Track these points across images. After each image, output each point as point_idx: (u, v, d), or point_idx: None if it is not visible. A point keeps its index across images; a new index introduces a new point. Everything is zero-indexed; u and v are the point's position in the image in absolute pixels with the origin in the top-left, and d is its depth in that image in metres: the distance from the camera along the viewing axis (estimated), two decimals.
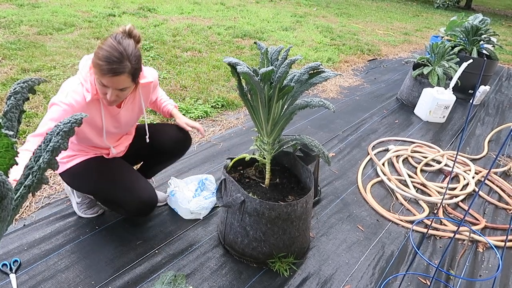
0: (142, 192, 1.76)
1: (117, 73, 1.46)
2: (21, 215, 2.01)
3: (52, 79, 3.60)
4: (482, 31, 4.59)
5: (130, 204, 1.76)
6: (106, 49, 1.45)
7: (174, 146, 2.02)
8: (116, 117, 1.74)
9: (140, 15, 6.61)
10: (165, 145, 1.99)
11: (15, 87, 0.77)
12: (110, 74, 1.46)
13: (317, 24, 7.91)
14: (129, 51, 1.48)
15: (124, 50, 1.47)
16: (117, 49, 1.45)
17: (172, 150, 2.04)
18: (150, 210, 1.84)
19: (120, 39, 1.49)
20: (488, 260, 2.10)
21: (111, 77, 1.47)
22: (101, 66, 1.44)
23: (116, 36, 1.50)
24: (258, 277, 1.80)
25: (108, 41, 1.48)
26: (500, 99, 4.91)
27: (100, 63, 1.44)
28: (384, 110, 4.02)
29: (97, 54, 1.47)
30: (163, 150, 2.00)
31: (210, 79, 4.15)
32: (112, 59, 1.44)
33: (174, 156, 2.11)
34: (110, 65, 1.44)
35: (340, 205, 2.42)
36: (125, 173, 1.82)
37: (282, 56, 1.65)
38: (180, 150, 2.09)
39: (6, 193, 0.62)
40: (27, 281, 1.65)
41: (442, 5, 14.21)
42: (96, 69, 1.47)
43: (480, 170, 2.95)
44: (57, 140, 0.70)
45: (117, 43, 1.47)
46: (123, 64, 1.46)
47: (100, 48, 1.47)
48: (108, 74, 1.45)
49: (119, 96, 1.57)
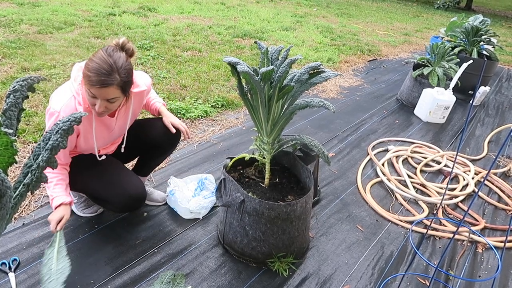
0: (129, 187, 1.77)
1: (105, 85, 1.49)
2: (20, 214, 2.01)
3: (52, 78, 3.59)
4: (482, 32, 4.59)
5: (117, 199, 1.76)
6: (96, 61, 1.49)
7: (163, 140, 2.02)
8: (109, 126, 1.77)
9: (140, 15, 6.60)
10: (154, 140, 1.99)
11: (15, 85, 0.77)
12: (98, 86, 1.48)
13: (318, 24, 7.91)
14: (119, 64, 1.51)
15: (114, 63, 1.50)
16: (107, 61, 1.49)
17: (162, 144, 2.04)
18: (138, 205, 1.85)
19: (111, 52, 1.52)
20: (488, 260, 2.10)
21: (99, 88, 1.49)
22: (90, 77, 1.48)
23: (107, 48, 1.54)
24: (257, 277, 1.80)
25: (98, 53, 1.52)
26: (500, 100, 4.91)
27: (90, 74, 1.48)
28: (384, 111, 4.02)
29: (87, 66, 1.50)
30: (154, 145, 2.01)
31: (210, 79, 4.15)
32: (101, 71, 1.47)
33: (165, 150, 2.10)
34: (99, 76, 1.47)
35: (340, 205, 2.42)
36: (113, 169, 1.84)
37: (282, 55, 1.65)
38: (170, 144, 2.08)
39: (5, 191, 0.62)
40: (26, 280, 1.65)
41: (442, 6, 14.22)
42: (86, 79, 1.50)
43: (479, 170, 2.95)
44: (56, 139, 0.70)
45: (107, 56, 1.50)
46: (111, 76, 1.49)
47: (90, 60, 1.51)
48: (96, 85, 1.48)
49: (108, 107, 1.59)
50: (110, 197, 1.77)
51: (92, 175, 1.79)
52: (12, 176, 2.22)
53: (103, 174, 1.80)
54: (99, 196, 1.83)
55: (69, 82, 1.64)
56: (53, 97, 1.61)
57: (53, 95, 1.62)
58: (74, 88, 1.60)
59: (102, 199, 1.84)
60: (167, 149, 2.10)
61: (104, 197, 1.79)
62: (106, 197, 1.78)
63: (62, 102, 1.57)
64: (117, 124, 1.79)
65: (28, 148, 2.52)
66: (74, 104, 1.59)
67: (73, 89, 1.60)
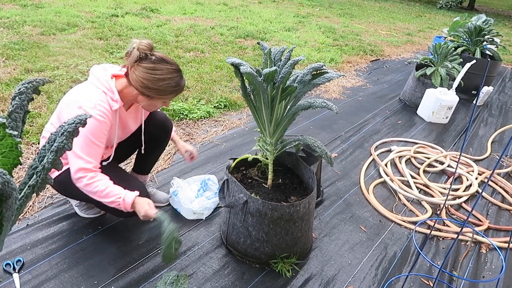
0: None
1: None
2: (24, 215, 2.02)
3: (55, 79, 3.61)
4: (485, 31, 4.57)
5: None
6: (170, 76, 1.61)
7: (159, 132, 2.02)
8: (125, 125, 1.80)
9: (143, 16, 6.62)
10: (151, 134, 2.00)
11: (20, 88, 0.77)
12: (180, 92, 1.72)
13: (320, 25, 7.91)
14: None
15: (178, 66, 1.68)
16: (176, 69, 1.64)
17: (158, 137, 2.04)
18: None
19: (162, 58, 1.60)
20: (491, 261, 2.09)
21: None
22: (178, 89, 1.68)
23: (154, 60, 1.58)
24: (260, 278, 1.80)
25: (161, 67, 1.59)
26: (503, 99, 4.90)
27: (177, 86, 1.65)
28: (387, 111, 4.02)
29: (166, 81, 1.60)
30: (149, 139, 2.01)
31: (213, 80, 4.16)
32: (180, 78, 1.68)
33: (160, 142, 2.11)
34: (181, 85, 1.69)
35: (343, 205, 2.42)
36: (114, 175, 1.76)
37: (285, 56, 1.65)
38: (164, 134, 2.08)
39: (11, 192, 0.62)
40: (30, 280, 1.66)
41: (445, 6, 14.18)
42: (172, 93, 1.66)
43: (483, 171, 2.94)
44: (62, 141, 0.70)
45: (169, 64, 1.62)
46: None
47: (164, 79, 1.60)
48: (180, 92, 1.71)
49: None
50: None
51: None
52: (16, 177, 2.23)
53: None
54: (103, 205, 1.84)
55: (90, 82, 1.64)
56: (80, 96, 1.59)
57: (78, 95, 1.60)
58: (103, 86, 1.61)
59: (106, 208, 1.85)
60: (163, 140, 2.10)
61: (108, 206, 1.79)
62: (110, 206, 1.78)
63: (95, 98, 1.58)
64: (130, 123, 1.84)
65: (32, 149, 2.53)
66: (106, 99, 1.61)
67: (102, 86, 1.61)
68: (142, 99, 1.67)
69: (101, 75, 1.63)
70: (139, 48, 1.55)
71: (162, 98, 1.67)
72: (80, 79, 3.66)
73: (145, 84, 1.59)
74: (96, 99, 1.58)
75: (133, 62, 1.58)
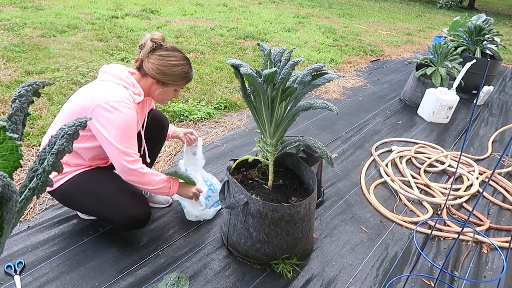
0: (134, 209, 1.74)
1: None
2: (25, 217, 2.02)
3: (55, 81, 3.61)
4: (485, 31, 4.57)
5: (123, 222, 1.75)
6: (182, 62, 1.71)
7: (153, 129, 2.01)
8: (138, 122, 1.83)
9: (143, 17, 6.63)
10: (147, 134, 1.97)
11: (20, 90, 0.77)
12: (190, 80, 1.80)
13: (320, 25, 7.91)
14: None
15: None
16: (185, 56, 1.74)
17: (154, 136, 2.05)
18: (144, 224, 1.83)
19: (174, 47, 1.72)
20: (493, 261, 2.09)
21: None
22: (190, 74, 1.77)
23: (168, 47, 1.69)
24: (261, 279, 1.80)
25: (173, 55, 1.69)
26: (504, 99, 4.89)
27: (190, 72, 1.76)
28: (387, 111, 4.02)
29: (180, 66, 1.70)
30: (147, 139, 1.98)
31: (213, 81, 4.16)
32: (190, 65, 1.76)
33: (158, 139, 2.11)
34: (191, 73, 1.79)
35: (344, 206, 2.42)
36: (116, 190, 1.76)
37: (285, 57, 1.65)
38: (161, 130, 2.10)
39: (11, 195, 0.63)
40: (31, 282, 1.66)
41: (445, 5, 14.17)
42: (184, 79, 1.75)
43: (484, 170, 2.94)
44: (62, 143, 0.70)
45: (179, 52, 1.72)
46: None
47: (175, 64, 1.69)
48: (190, 80, 1.80)
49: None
50: (115, 220, 1.76)
51: (95, 198, 1.73)
52: (17, 179, 2.23)
53: (106, 197, 1.74)
54: (104, 218, 1.87)
55: (106, 80, 1.65)
56: (101, 94, 1.59)
57: (98, 94, 1.59)
58: (123, 82, 1.65)
59: (107, 221, 1.90)
60: (160, 136, 2.11)
61: (109, 219, 1.81)
62: (111, 220, 1.80)
63: (119, 93, 1.61)
64: (140, 119, 1.86)
65: (33, 151, 2.53)
66: (129, 93, 1.65)
67: (122, 82, 1.64)
68: (156, 88, 1.73)
69: (119, 72, 1.66)
70: (152, 39, 1.66)
71: (175, 85, 1.75)
72: (80, 81, 3.66)
73: (161, 70, 1.67)
74: (122, 94, 1.61)
75: (147, 53, 1.66)
